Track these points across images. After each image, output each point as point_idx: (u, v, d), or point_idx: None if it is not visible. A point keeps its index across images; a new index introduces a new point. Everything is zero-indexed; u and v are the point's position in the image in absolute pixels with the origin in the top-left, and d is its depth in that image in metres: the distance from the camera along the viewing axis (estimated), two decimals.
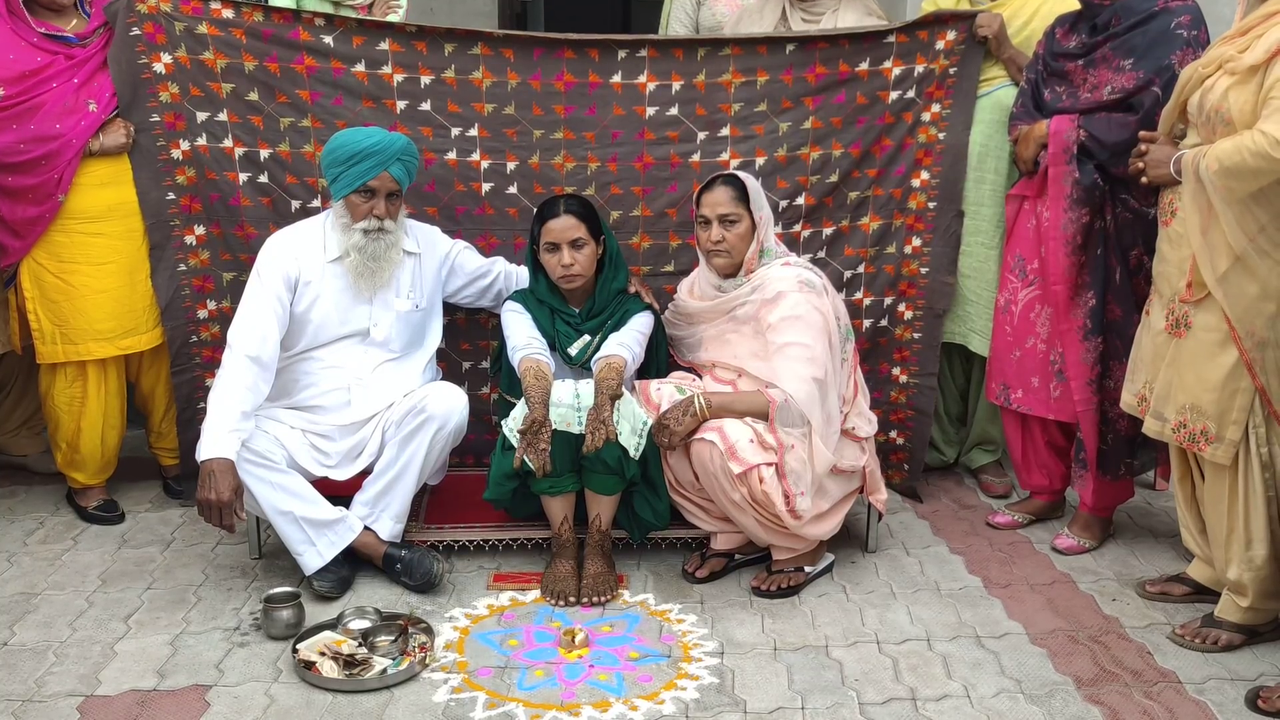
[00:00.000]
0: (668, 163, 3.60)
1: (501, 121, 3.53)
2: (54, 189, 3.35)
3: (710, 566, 3.28)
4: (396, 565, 3.19)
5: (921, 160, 3.66)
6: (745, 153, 3.60)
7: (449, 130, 3.53)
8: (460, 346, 3.71)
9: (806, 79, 3.56)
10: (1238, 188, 2.64)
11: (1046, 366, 3.44)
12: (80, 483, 3.66)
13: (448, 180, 3.55)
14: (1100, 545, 3.48)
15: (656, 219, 3.63)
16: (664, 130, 3.57)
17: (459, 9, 6.67)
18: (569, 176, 3.57)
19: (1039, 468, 3.61)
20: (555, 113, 3.53)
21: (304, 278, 3.22)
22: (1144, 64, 3.12)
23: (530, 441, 3.03)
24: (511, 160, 3.56)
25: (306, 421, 3.25)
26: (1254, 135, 2.59)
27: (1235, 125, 2.67)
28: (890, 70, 3.58)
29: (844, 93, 3.58)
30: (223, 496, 2.95)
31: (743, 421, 3.08)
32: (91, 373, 3.53)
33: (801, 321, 3.11)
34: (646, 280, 3.55)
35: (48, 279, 3.43)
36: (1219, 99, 2.70)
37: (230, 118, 3.49)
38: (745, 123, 3.59)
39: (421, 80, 3.49)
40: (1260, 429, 2.78)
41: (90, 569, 3.32)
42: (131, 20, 3.38)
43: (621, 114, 3.55)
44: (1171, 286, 2.88)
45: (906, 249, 3.74)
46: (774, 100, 3.57)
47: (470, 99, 3.51)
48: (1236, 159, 2.61)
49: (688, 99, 3.55)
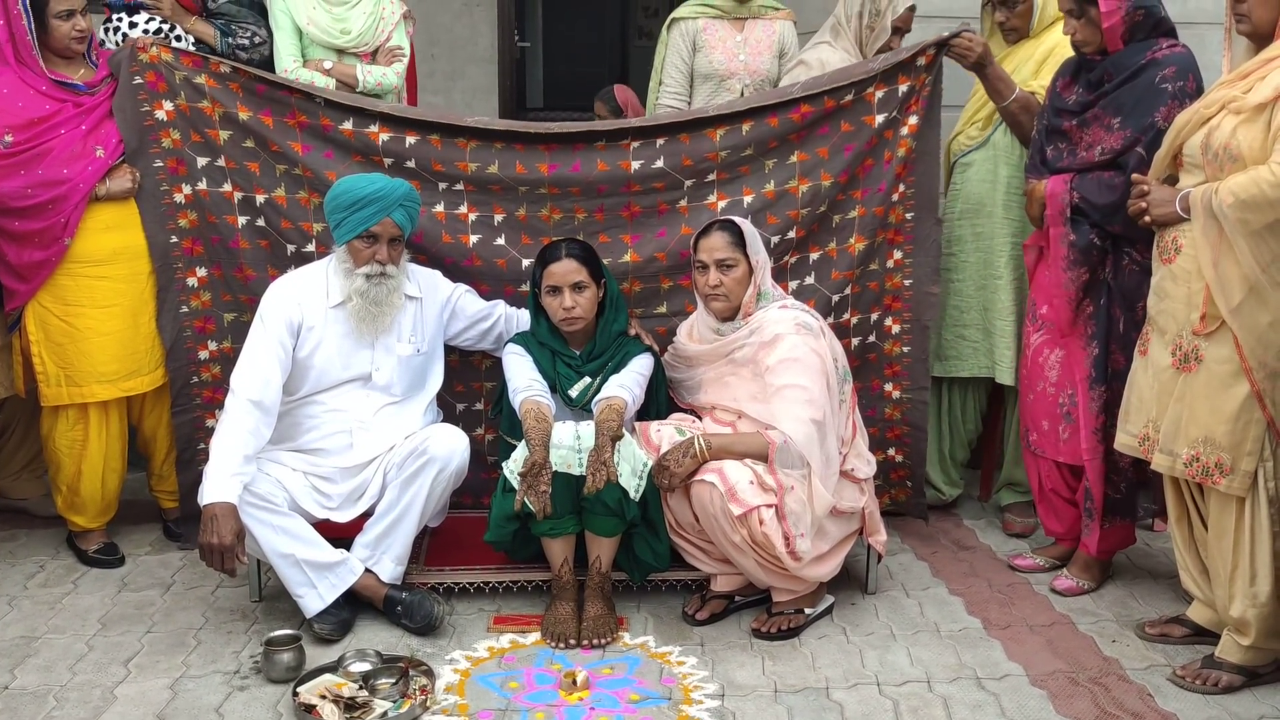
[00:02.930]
0: (655, 210, 3.61)
1: (486, 179, 3.55)
2: (60, 233, 3.39)
3: (710, 608, 3.28)
4: (397, 607, 3.19)
5: (900, 174, 3.63)
6: (732, 193, 3.61)
7: (436, 184, 3.56)
8: (454, 388, 3.71)
9: (793, 119, 3.56)
10: (1253, 219, 2.69)
11: (1056, 410, 3.47)
12: (80, 526, 3.66)
13: (435, 232, 3.57)
14: (1099, 587, 3.48)
15: (646, 263, 3.63)
16: (650, 182, 3.57)
17: (459, 54, 6.74)
18: (556, 227, 3.59)
19: (1052, 512, 3.62)
20: (539, 171, 3.54)
21: (306, 323, 3.24)
22: (1130, 122, 3.18)
23: (531, 484, 3.04)
24: (499, 212, 3.58)
25: (308, 464, 3.27)
26: (1271, 168, 2.66)
27: (1245, 161, 2.73)
28: (873, 94, 3.57)
29: (828, 124, 3.58)
30: (224, 540, 2.95)
31: (742, 463, 3.09)
32: (93, 415, 3.55)
33: (799, 364, 3.14)
34: (639, 324, 3.57)
35: (53, 322, 3.46)
36: (1227, 136, 2.76)
37: (228, 163, 3.54)
38: (732, 167, 3.59)
39: (406, 140, 3.52)
40: (1269, 463, 2.80)
41: (90, 612, 3.32)
42: (134, 69, 3.45)
43: (606, 170, 3.55)
44: (1177, 322, 2.91)
45: (889, 263, 3.71)
46: (760, 143, 3.57)
47: (454, 159, 3.54)
48: (1254, 191, 2.67)
49: (672, 152, 3.56)
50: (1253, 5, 2.75)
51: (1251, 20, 2.77)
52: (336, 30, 3.99)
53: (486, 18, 6.87)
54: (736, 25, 4.32)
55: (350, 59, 4.05)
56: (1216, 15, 3.41)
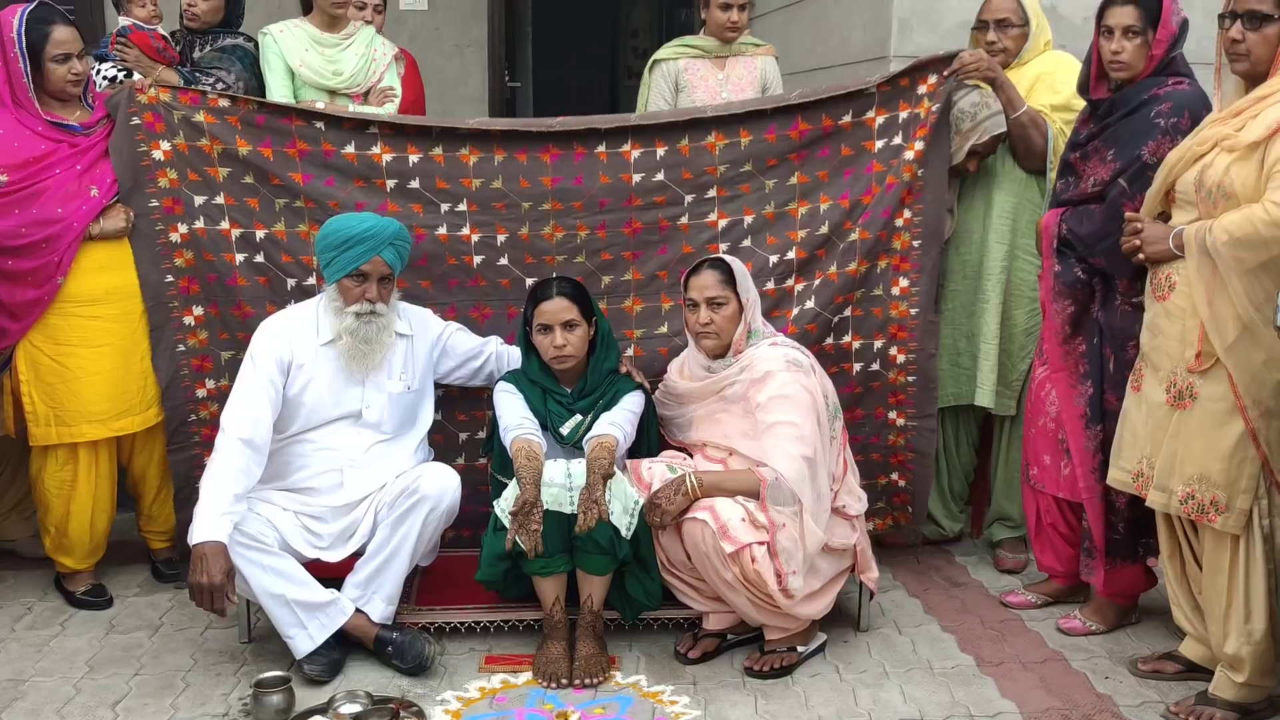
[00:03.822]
0: (656, 226, 3.63)
1: (490, 195, 3.58)
2: (54, 272, 3.39)
3: (703, 647, 3.27)
4: (388, 648, 3.17)
5: (905, 199, 3.62)
6: (733, 212, 3.63)
7: (439, 206, 3.58)
8: (457, 417, 3.72)
9: (790, 135, 3.59)
10: (1248, 258, 2.70)
11: (1056, 444, 3.47)
12: (68, 567, 3.64)
13: (439, 255, 3.60)
14: (1111, 631, 3.44)
15: (648, 281, 3.66)
16: (651, 196, 3.61)
17: (449, 95, 6.79)
18: (559, 245, 3.62)
19: (1049, 548, 3.60)
20: (542, 184, 3.57)
21: (297, 361, 3.25)
22: (1120, 155, 3.21)
23: (522, 522, 3.03)
24: (502, 232, 3.61)
25: (299, 503, 3.26)
26: (1265, 206, 2.67)
27: (1238, 199, 2.75)
28: (874, 120, 3.60)
29: (828, 146, 3.61)
30: (215, 580, 2.94)
31: (734, 500, 3.09)
32: (82, 456, 3.54)
33: (790, 400, 3.15)
34: (641, 342, 3.59)
35: (44, 361, 3.45)
36: (1221, 174, 2.77)
37: (227, 200, 3.56)
38: (732, 183, 3.62)
39: (409, 159, 3.55)
40: (1263, 500, 2.81)
41: (78, 655, 3.29)
42: (132, 110, 3.48)
43: (608, 182, 3.59)
44: (1171, 359, 2.92)
45: (895, 290, 3.69)
46: (759, 159, 3.60)
47: (458, 175, 3.57)
48: (1248, 229, 2.69)
49: (673, 164, 3.59)
50: (1252, 44, 2.76)
51: (1250, 59, 2.78)
52: (329, 72, 4.03)
53: (477, 59, 6.94)
54: (718, 64, 4.36)
55: (343, 99, 4.08)
56: (1200, 55, 3.44)
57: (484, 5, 6.85)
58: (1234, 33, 2.79)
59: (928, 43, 4.34)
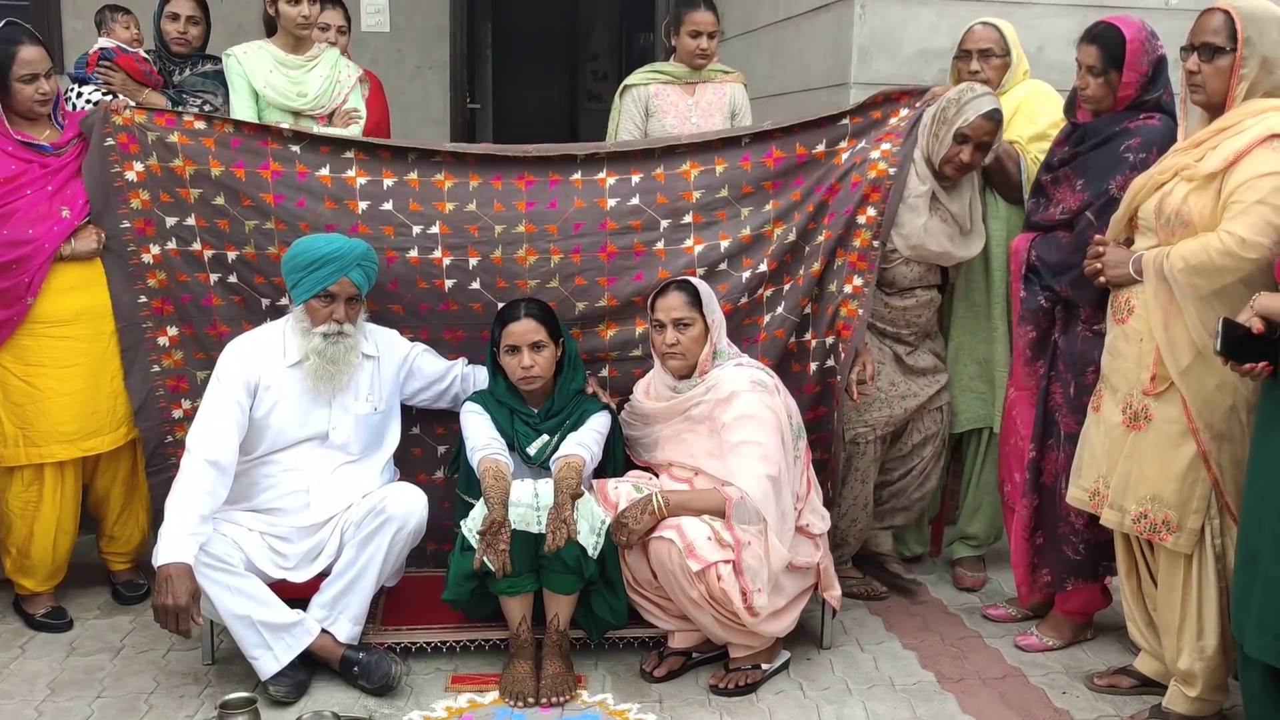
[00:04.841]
0: (631, 251, 3.63)
1: (463, 219, 3.58)
2: (24, 292, 3.37)
3: (668, 665, 3.29)
4: (354, 668, 3.17)
5: (869, 196, 3.62)
6: (709, 237, 3.63)
7: (410, 229, 3.57)
8: (435, 431, 3.71)
9: (765, 163, 3.63)
10: (1202, 284, 2.77)
11: (1024, 463, 3.51)
12: (28, 589, 3.60)
13: (410, 278, 3.59)
14: (1068, 647, 3.50)
15: (622, 307, 3.64)
16: (626, 220, 3.61)
17: (411, 116, 6.81)
18: (531, 270, 3.60)
19: (1020, 564, 3.61)
20: (516, 208, 3.58)
21: (264, 382, 3.25)
22: (1089, 187, 3.27)
23: (490, 542, 3.05)
24: (474, 256, 3.59)
25: (265, 524, 3.25)
26: (1220, 235, 2.74)
27: (1195, 227, 2.82)
28: (844, 150, 3.66)
29: (802, 175, 3.65)
30: (180, 601, 2.93)
31: (700, 519, 3.13)
32: (49, 476, 3.51)
33: (754, 420, 3.19)
34: (614, 366, 3.60)
35: (13, 382, 3.43)
36: (1179, 203, 2.85)
37: (198, 221, 3.55)
38: (708, 209, 3.63)
39: (384, 182, 3.56)
40: (1215, 520, 2.88)
41: (39, 678, 3.26)
42: (106, 131, 3.47)
43: (583, 206, 3.60)
44: (1128, 381, 2.99)
45: (847, 288, 3.67)
46: (734, 186, 3.63)
47: (432, 198, 3.57)
48: (1203, 257, 2.76)
49: (648, 189, 3.61)
50: (1206, 76, 2.83)
51: (1205, 90, 2.85)
52: (293, 93, 4.04)
53: (438, 80, 6.97)
54: (688, 89, 4.43)
55: (307, 121, 4.09)
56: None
57: (445, 28, 6.90)
58: (1190, 65, 2.88)
59: (887, 70, 4.42)
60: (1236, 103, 2.81)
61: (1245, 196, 2.71)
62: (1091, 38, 3.24)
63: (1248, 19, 2.77)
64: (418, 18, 6.81)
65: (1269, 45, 2.77)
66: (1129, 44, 3.16)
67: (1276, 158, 2.70)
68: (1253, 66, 2.78)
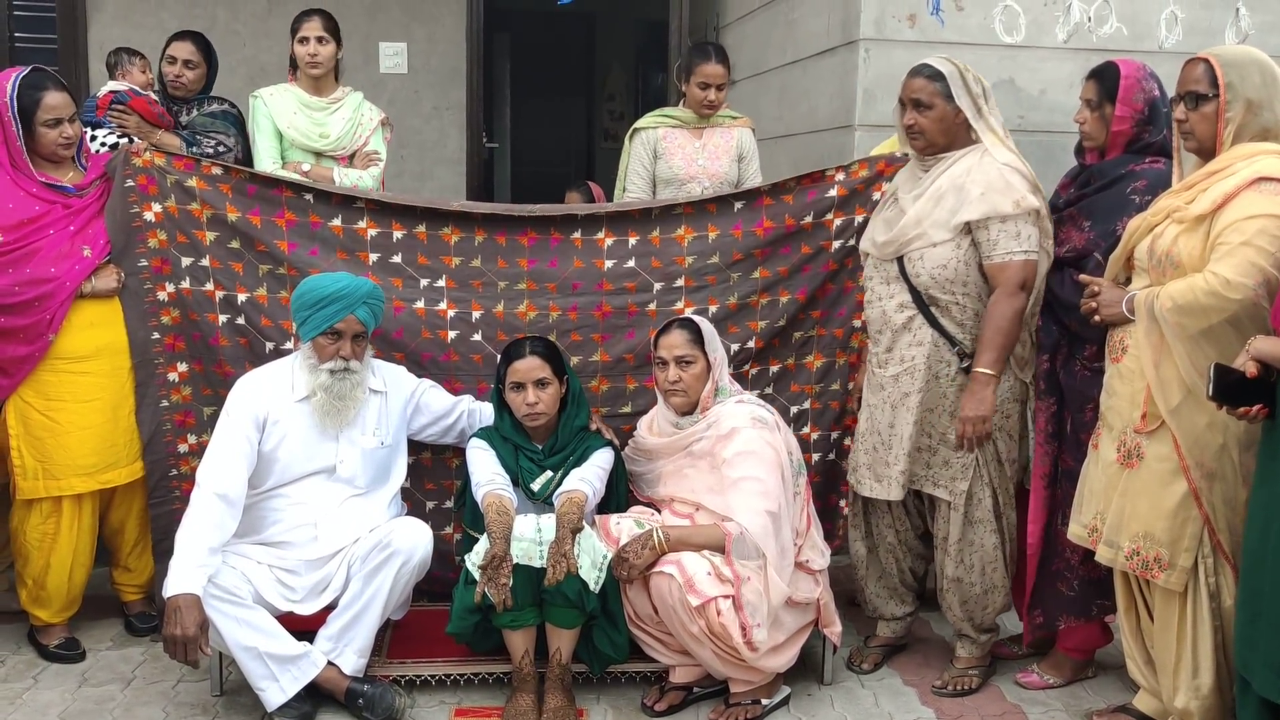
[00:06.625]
0: (625, 311, 3.76)
1: (469, 274, 3.70)
2: (45, 329, 3.45)
3: (669, 700, 3.32)
4: (359, 700, 3.21)
5: (860, 302, 3.72)
6: (699, 301, 3.77)
7: (418, 281, 3.69)
8: (425, 486, 3.79)
9: (755, 233, 3.76)
10: (1189, 324, 2.81)
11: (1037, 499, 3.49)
12: (43, 621, 3.65)
13: (415, 328, 3.69)
14: (1068, 685, 3.51)
15: (614, 364, 3.77)
16: (622, 281, 3.74)
17: (428, 156, 6.91)
18: (531, 324, 3.72)
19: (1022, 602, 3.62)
20: (519, 265, 3.71)
21: (272, 417, 3.31)
22: (1097, 227, 3.30)
23: (492, 576, 3.09)
24: (476, 309, 3.71)
25: (273, 556, 3.31)
26: (1206, 276, 2.79)
27: (1184, 268, 2.86)
28: (832, 222, 3.77)
29: (790, 245, 3.78)
30: (188, 632, 2.98)
31: (700, 554, 3.17)
32: (66, 509, 3.57)
33: (755, 456, 3.24)
34: (605, 420, 3.67)
35: (34, 416, 3.50)
36: (1170, 244, 2.89)
37: (212, 263, 3.65)
38: (699, 274, 3.77)
39: (394, 235, 3.67)
40: (1209, 559, 2.90)
41: (50, 708, 3.31)
42: (127, 172, 3.58)
43: (581, 266, 3.72)
44: (1122, 419, 3.02)
45: (850, 385, 3.89)
46: (725, 253, 3.76)
47: (439, 253, 3.70)
48: (1190, 297, 2.80)
49: (643, 252, 3.74)
50: (1194, 123, 2.91)
51: (1196, 136, 2.92)
52: (316, 134, 4.15)
53: (455, 120, 7.07)
54: (695, 133, 4.53)
55: (328, 161, 4.21)
56: None
57: (462, 69, 7.00)
58: (1179, 114, 2.96)
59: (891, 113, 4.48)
60: (1226, 146, 2.87)
61: (1231, 238, 2.76)
62: (1092, 73, 3.34)
63: (1228, 65, 2.85)
64: (435, 59, 6.92)
65: (1251, 88, 2.84)
66: (1124, 79, 3.24)
67: (1263, 200, 2.75)
68: (1237, 110, 2.84)
